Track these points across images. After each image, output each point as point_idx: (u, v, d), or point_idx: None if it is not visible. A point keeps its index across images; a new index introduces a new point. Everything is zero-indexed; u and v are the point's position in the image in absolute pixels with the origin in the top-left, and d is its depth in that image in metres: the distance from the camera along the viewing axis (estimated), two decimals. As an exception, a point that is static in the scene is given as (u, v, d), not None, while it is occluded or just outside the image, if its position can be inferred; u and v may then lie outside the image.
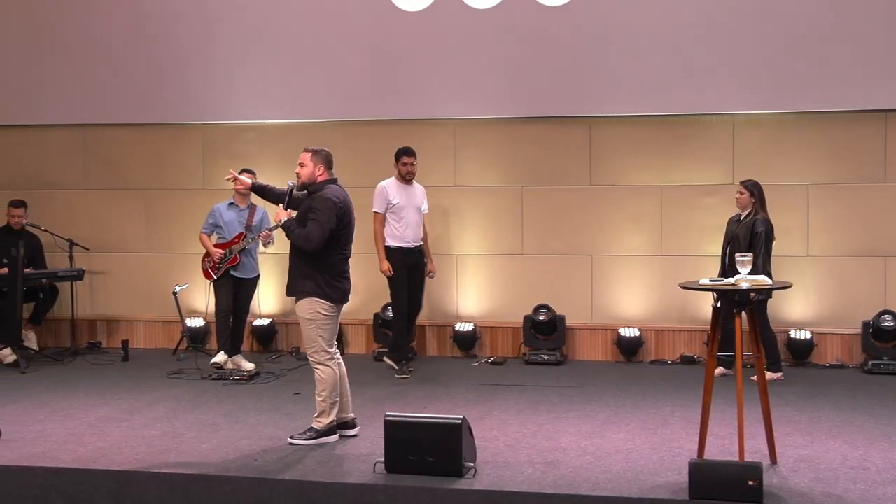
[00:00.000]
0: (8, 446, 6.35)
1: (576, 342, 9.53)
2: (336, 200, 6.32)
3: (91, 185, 10.38)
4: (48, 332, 10.30)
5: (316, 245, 6.23)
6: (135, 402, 7.71)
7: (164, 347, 10.12)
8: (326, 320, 6.34)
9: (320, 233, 6.23)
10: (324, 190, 6.36)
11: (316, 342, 6.32)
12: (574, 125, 9.47)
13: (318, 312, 6.31)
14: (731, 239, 8.32)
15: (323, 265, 6.32)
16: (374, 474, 5.66)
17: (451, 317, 9.69)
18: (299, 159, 6.46)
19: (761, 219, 8.22)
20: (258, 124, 10.01)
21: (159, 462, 6.01)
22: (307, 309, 6.31)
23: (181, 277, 9.88)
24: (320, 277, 6.31)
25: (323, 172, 6.42)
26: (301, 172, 6.43)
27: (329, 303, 6.34)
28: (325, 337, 6.33)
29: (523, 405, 7.49)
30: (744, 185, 8.40)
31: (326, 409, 6.36)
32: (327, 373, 6.33)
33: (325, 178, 6.43)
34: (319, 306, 6.31)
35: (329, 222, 6.26)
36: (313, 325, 6.31)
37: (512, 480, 5.54)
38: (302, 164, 6.43)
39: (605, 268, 9.50)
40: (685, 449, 6.14)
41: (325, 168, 6.43)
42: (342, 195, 6.41)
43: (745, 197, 8.37)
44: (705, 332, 8.69)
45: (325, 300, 6.32)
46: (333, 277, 6.37)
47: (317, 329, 6.31)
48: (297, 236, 6.28)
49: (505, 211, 9.66)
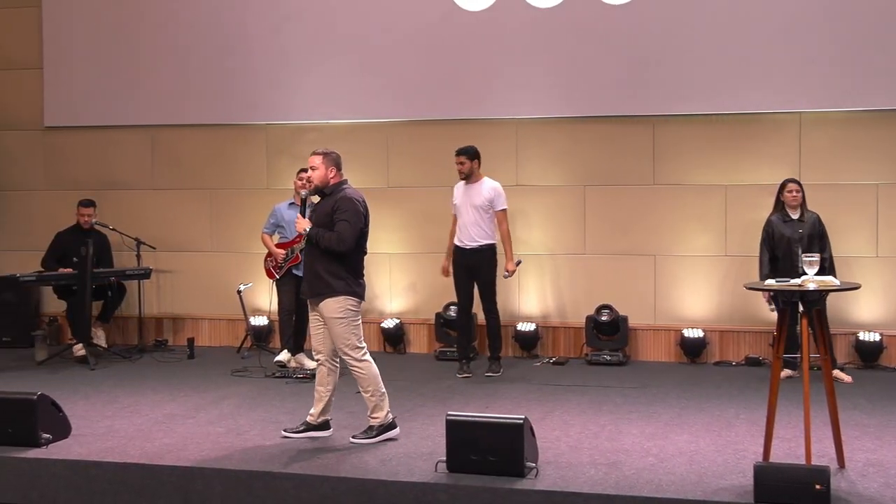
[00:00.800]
0: (78, 441, 6.48)
1: (638, 343, 9.46)
2: (358, 199, 6.38)
3: (158, 185, 10.55)
4: (116, 330, 10.48)
5: (349, 245, 6.26)
6: (200, 399, 7.82)
7: (228, 345, 10.24)
8: (356, 317, 6.37)
9: (352, 232, 6.27)
10: (343, 191, 6.39)
11: (350, 340, 6.31)
12: (637, 124, 9.40)
13: (349, 310, 6.32)
14: (798, 239, 8.16)
15: (350, 264, 6.36)
16: (436, 473, 5.67)
17: (512, 316, 9.67)
18: (309, 163, 6.47)
19: (819, 216, 8.16)
20: (321, 124, 10.08)
21: (224, 458, 6.08)
22: (337, 308, 6.30)
23: (245, 276, 10.00)
24: (349, 276, 6.34)
25: (335, 174, 6.43)
26: (313, 176, 6.44)
27: (357, 300, 6.38)
28: (357, 334, 6.35)
29: (585, 406, 7.46)
30: (798, 183, 8.29)
31: (377, 402, 6.38)
32: (367, 368, 6.34)
33: (338, 180, 6.45)
34: (349, 303, 6.32)
35: (358, 221, 6.31)
36: (345, 322, 6.31)
37: (574, 481, 5.52)
38: (313, 168, 6.43)
39: (668, 268, 9.41)
40: (750, 452, 6.06)
41: (336, 170, 6.44)
42: (361, 194, 6.47)
43: (801, 195, 8.27)
44: (770, 333, 8.58)
45: (353, 297, 6.35)
46: (359, 275, 6.43)
47: (349, 326, 6.31)
48: (328, 240, 6.26)
49: (567, 211, 9.62)
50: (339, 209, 6.31)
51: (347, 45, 9.91)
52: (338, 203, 6.33)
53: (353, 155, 9.88)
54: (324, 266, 6.32)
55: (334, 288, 6.30)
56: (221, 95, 10.25)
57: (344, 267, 6.33)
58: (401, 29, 9.77)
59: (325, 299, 6.32)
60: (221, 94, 10.25)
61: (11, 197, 10.85)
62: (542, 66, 9.47)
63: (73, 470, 6.04)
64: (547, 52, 9.46)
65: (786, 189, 8.33)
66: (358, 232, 6.31)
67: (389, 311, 9.98)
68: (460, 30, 9.63)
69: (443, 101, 9.72)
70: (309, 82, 10.02)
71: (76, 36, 10.54)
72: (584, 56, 9.38)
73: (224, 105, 10.25)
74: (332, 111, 10.02)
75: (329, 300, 6.31)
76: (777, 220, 8.32)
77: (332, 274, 6.31)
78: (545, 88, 9.51)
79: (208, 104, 10.28)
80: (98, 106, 10.55)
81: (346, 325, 6.31)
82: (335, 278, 6.31)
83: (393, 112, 9.90)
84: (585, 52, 9.37)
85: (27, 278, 9.40)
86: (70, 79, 10.57)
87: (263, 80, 10.12)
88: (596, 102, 9.42)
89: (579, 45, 9.38)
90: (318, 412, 6.54)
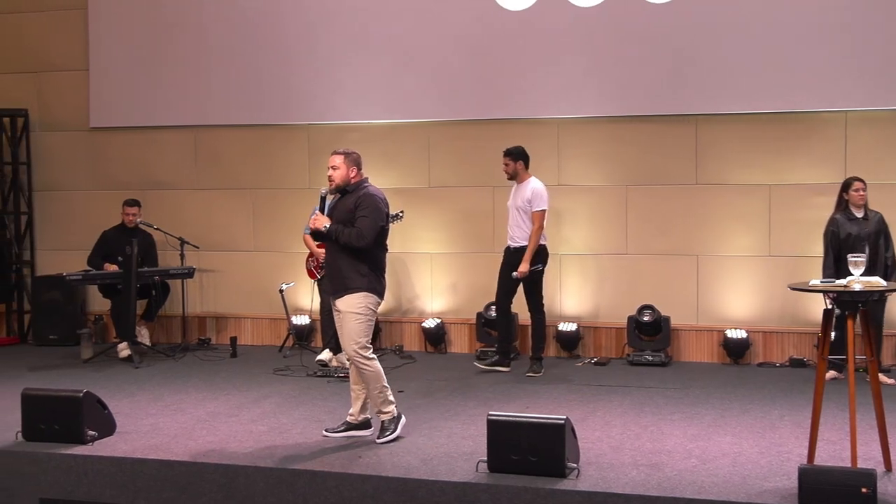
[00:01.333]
0: (123, 439, 6.55)
1: (681, 343, 9.40)
2: (380, 196, 6.40)
3: (201, 185, 10.63)
4: (160, 329, 10.59)
5: (369, 241, 6.28)
6: (243, 397, 7.88)
7: (270, 344, 10.31)
8: (373, 315, 6.38)
9: (373, 228, 6.28)
10: (365, 188, 6.41)
11: (360, 338, 6.30)
12: (680, 123, 9.34)
13: (368, 307, 6.33)
14: (864, 237, 8.02)
15: (373, 261, 6.38)
16: (477, 473, 5.67)
17: (554, 316, 9.64)
18: (329, 162, 6.49)
19: (882, 215, 8.07)
20: (362, 125, 10.11)
21: (266, 456, 6.12)
22: (357, 304, 6.30)
23: (287, 275, 10.06)
24: (371, 273, 6.35)
25: (356, 174, 6.45)
26: (334, 175, 6.45)
27: (377, 298, 6.39)
28: (368, 333, 6.36)
29: (627, 406, 7.42)
30: (863, 181, 8.16)
31: (385, 398, 6.39)
32: (375, 366, 6.34)
33: (359, 179, 6.47)
34: (369, 301, 6.33)
35: (379, 218, 6.33)
36: (362, 319, 6.30)
37: (615, 482, 5.49)
38: (334, 167, 6.45)
39: (711, 268, 9.34)
40: (794, 454, 6.00)
41: (357, 169, 6.47)
42: (381, 192, 6.49)
43: (866, 194, 8.15)
44: (815, 334, 8.49)
45: (374, 295, 6.36)
46: (381, 273, 6.44)
47: (364, 324, 6.31)
48: (348, 235, 6.28)
49: (609, 210, 9.57)
50: (360, 206, 6.33)
51: (389, 45, 9.93)
52: (359, 200, 6.36)
53: (394, 155, 9.97)
54: (347, 263, 6.33)
55: (357, 284, 6.31)
56: (264, 96, 10.31)
57: (367, 264, 6.34)
58: (442, 28, 9.78)
59: (346, 295, 6.33)
60: (264, 95, 10.31)
61: (58, 197, 11.00)
62: (584, 66, 9.44)
63: (118, 467, 6.11)
64: (588, 52, 9.42)
65: (851, 187, 8.19)
66: (378, 229, 6.33)
67: (430, 311, 9.99)
68: (501, 29, 9.62)
69: (484, 101, 9.72)
70: (350, 82, 10.05)
71: (121, 38, 10.66)
72: (625, 55, 9.33)
73: (266, 105, 10.32)
74: (374, 111, 10.05)
75: (350, 296, 6.31)
76: (842, 218, 8.18)
77: (356, 270, 6.32)
78: (586, 88, 9.47)
79: (251, 104, 10.35)
80: (142, 107, 10.66)
81: (361, 323, 6.31)
82: (359, 275, 6.32)
83: (434, 112, 9.91)
84: (627, 50, 9.32)
85: (73, 277, 9.53)
86: (115, 80, 10.70)
87: (305, 80, 10.17)
88: (638, 102, 9.37)
89: (621, 44, 9.33)
90: (357, 410, 6.56)
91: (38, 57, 10.93)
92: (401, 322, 10.04)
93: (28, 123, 10.98)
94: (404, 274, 10.05)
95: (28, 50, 10.96)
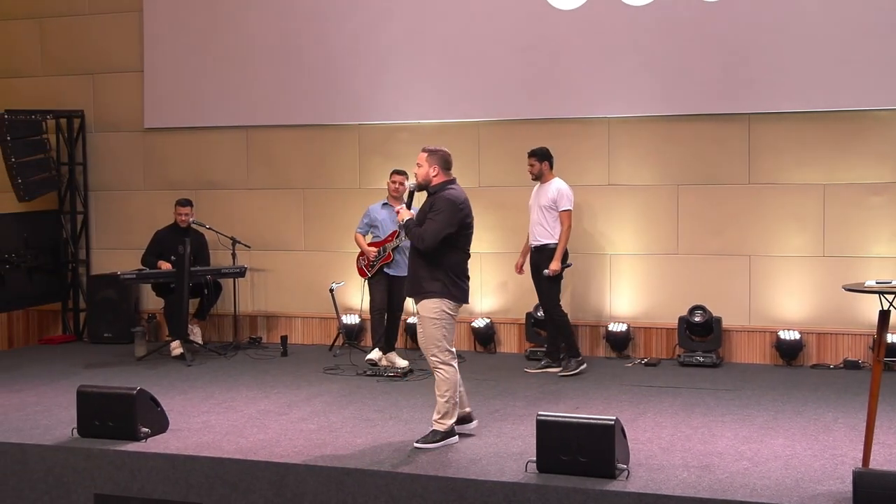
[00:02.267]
0: (175, 436, 6.63)
1: (732, 344, 9.30)
2: (457, 202, 6.35)
3: (253, 185, 10.72)
4: (212, 327, 10.69)
5: (427, 244, 6.27)
6: (293, 396, 7.93)
7: (320, 343, 10.36)
8: (450, 320, 6.36)
9: (434, 233, 6.26)
10: (445, 191, 6.39)
11: (440, 342, 6.31)
12: (732, 122, 9.24)
13: (444, 311, 6.33)
14: None
15: (448, 265, 6.36)
16: (526, 473, 5.66)
17: (604, 317, 9.60)
18: (417, 160, 6.50)
19: None
20: (412, 124, 10.13)
21: (316, 455, 6.17)
22: (432, 309, 6.32)
23: (337, 275, 10.11)
24: (446, 278, 6.34)
25: (438, 173, 6.43)
26: (417, 173, 6.48)
27: (454, 303, 6.38)
28: (448, 337, 6.35)
29: (678, 408, 7.36)
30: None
31: (449, 409, 6.35)
32: (451, 372, 6.33)
33: (442, 180, 6.43)
34: (445, 305, 6.33)
35: (447, 224, 6.29)
36: (438, 324, 6.31)
37: (665, 484, 5.45)
38: (419, 165, 6.47)
39: (763, 268, 9.23)
40: (849, 457, 5.92)
41: (440, 168, 6.43)
42: (463, 196, 6.44)
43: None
44: (870, 335, 8.36)
45: (450, 300, 6.35)
46: (458, 277, 6.41)
47: (441, 329, 6.31)
48: (413, 234, 6.34)
49: (660, 210, 9.50)
50: (433, 208, 6.34)
51: (439, 45, 9.94)
52: (434, 202, 6.36)
53: (445, 154, 9.96)
54: (422, 267, 6.36)
55: (430, 289, 6.33)
56: (315, 96, 10.37)
57: (442, 268, 6.34)
58: (493, 28, 9.77)
59: (423, 299, 6.35)
60: (315, 95, 10.37)
61: (113, 197, 11.15)
62: (635, 65, 9.38)
63: (171, 463, 6.19)
64: (639, 50, 9.36)
65: None
66: (442, 234, 6.28)
67: (480, 311, 9.99)
68: (552, 29, 9.59)
69: (534, 101, 9.70)
70: (400, 82, 10.08)
71: (175, 40, 10.78)
72: (677, 53, 9.26)
73: (317, 105, 10.38)
74: (424, 111, 10.06)
75: (426, 300, 6.33)
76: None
77: (430, 275, 6.34)
78: (637, 87, 9.41)
79: (302, 105, 10.41)
80: (195, 107, 10.78)
81: (437, 327, 6.31)
82: (432, 280, 6.33)
83: (484, 112, 9.90)
84: (679, 49, 9.25)
85: (128, 276, 9.67)
86: (169, 81, 10.83)
87: (356, 80, 10.21)
88: (689, 100, 9.29)
89: (672, 42, 9.26)
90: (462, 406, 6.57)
91: (94, 59, 11.09)
92: (450, 322, 10.03)
93: (84, 124, 11.14)
94: (454, 273, 10.05)
95: (84, 52, 11.12)
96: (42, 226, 10.88)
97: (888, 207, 8.67)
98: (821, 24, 8.89)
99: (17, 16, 11.32)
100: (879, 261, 8.61)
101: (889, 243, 8.79)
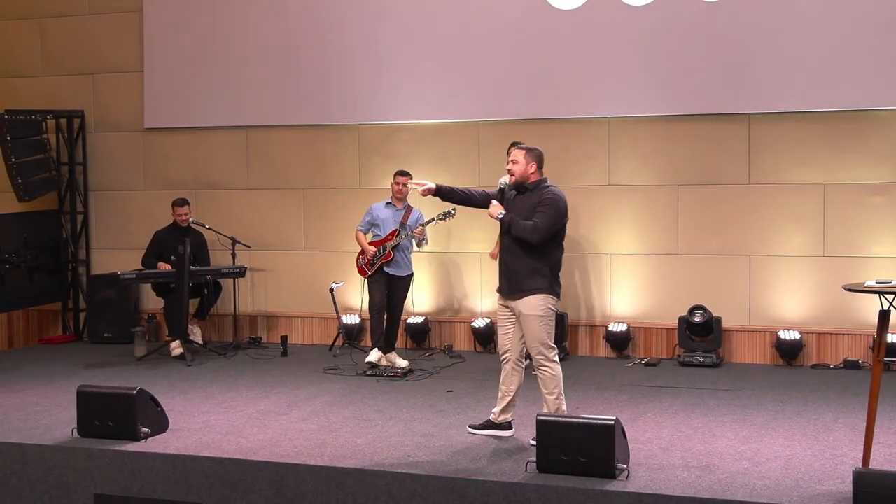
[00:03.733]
0: (175, 436, 6.63)
1: (732, 344, 9.30)
2: (562, 198, 6.35)
3: (253, 185, 10.72)
4: (212, 327, 10.69)
5: (540, 238, 6.22)
6: (293, 396, 7.93)
7: (320, 343, 10.36)
8: (553, 316, 6.35)
9: (548, 227, 6.23)
10: (550, 188, 6.37)
11: (545, 339, 6.28)
12: (732, 122, 9.24)
13: (549, 308, 6.31)
14: None
15: (552, 261, 6.35)
16: (526, 473, 5.67)
17: (604, 317, 9.60)
18: (511, 156, 6.48)
19: None
20: (412, 124, 10.14)
21: (316, 455, 6.17)
22: (539, 306, 6.27)
23: (337, 275, 10.11)
24: (550, 274, 6.32)
25: (535, 171, 6.40)
26: (514, 170, 6.41)
27: (556, 298, 6.37)
28: (552, 333, 6.33)
29: (678, 408, 7.36)
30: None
31: (560, 405, 6.33)
32: (556, 369, 6.32)
33: (539, 177, 6.42)
34: (550, 302, 6.32)
35: (557, 220, 6.29)
36: (544, 321, 6.28)
37: (665, 484, 5.46)
38: (515, 161, 6.41)
39: (763, 268, 9.23)
40: (849, 457, 5.92)
41: (536, 166, 6.41)
42: (563, 193, 6.42)
43: None
44: (870, 335, 8.36)
45: (554, 296, 6.34)
46: (558, 273, 6.41)
47: (546, 326, 6.29)
48: (522, 227, 6.24)
49: (660, 210, 9.50)
50: (542, 203, 6.29)
51: (439, 45, 9.94)
52: (543, 199, 6.30)
53: (444, 154, 9.98)
54: (527, 264, 6.30)
55: (535, 286, 6.28)
56: (315, 96, 10.38)
57: (548, 265, 6.32)
58: (492, 28, 9.77)
59: (525, 297, 6.29)
60: (315, 95, 10.37)
61: (113, 197, 11.15)
62: (635, 65, 9.38)
63: (171, 463, 6.19)
64: (639, 51, 9.36)
65: None
66: (553, 229, 6.27)
67: (480, 311, 9.99)
68: (552, 29, 9.59)
69: (534, 101, 9.69)
70: (401, 83, 10.08)
71: (175, 40, 10.78)
72: (677, 53, 9.25)
73: (317, 106, 10.38)
74: (424, 111, 10.06)
75: (531, 297, 6.28)
76: None
77: (536, 272, 6.29)
78: (637, 87, 9.41)
79: (302, 105, 10.41)
80: (195, 107, 10.78)
81: (543, 324, 6.29)
82: (538, 276, 6.29)
83: (484, 112, 9.90)
84: (678, 49, 9.25)
85: (128, 276, 9.67)
86: (169, 81, 10.82)
87: (356, 81, 10.21)
88: (689, 100, 9.29)
89: (672, 42, 9.26)
90: (500, 411, 6.58)
91: (94, 59, 11.09)
92: (451, 322, 10.05)
93: (84, 124, 11.14)
94: (455, 274, 10.06)
95: (84, 52, 11.12)
96: (42, 226, 10.88)
97: (888, 207, 8.66)
98: (821, 25, 8.89)
99: (17, 16, 11.33)
100: (879, 261, 8.61)
101: (889, 243, 8.79)
